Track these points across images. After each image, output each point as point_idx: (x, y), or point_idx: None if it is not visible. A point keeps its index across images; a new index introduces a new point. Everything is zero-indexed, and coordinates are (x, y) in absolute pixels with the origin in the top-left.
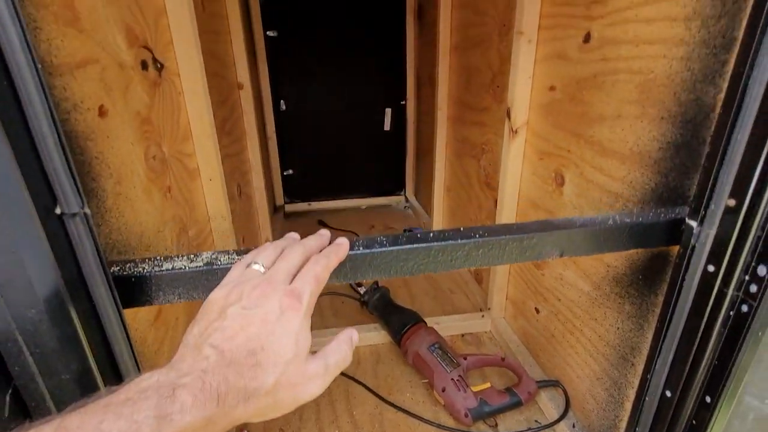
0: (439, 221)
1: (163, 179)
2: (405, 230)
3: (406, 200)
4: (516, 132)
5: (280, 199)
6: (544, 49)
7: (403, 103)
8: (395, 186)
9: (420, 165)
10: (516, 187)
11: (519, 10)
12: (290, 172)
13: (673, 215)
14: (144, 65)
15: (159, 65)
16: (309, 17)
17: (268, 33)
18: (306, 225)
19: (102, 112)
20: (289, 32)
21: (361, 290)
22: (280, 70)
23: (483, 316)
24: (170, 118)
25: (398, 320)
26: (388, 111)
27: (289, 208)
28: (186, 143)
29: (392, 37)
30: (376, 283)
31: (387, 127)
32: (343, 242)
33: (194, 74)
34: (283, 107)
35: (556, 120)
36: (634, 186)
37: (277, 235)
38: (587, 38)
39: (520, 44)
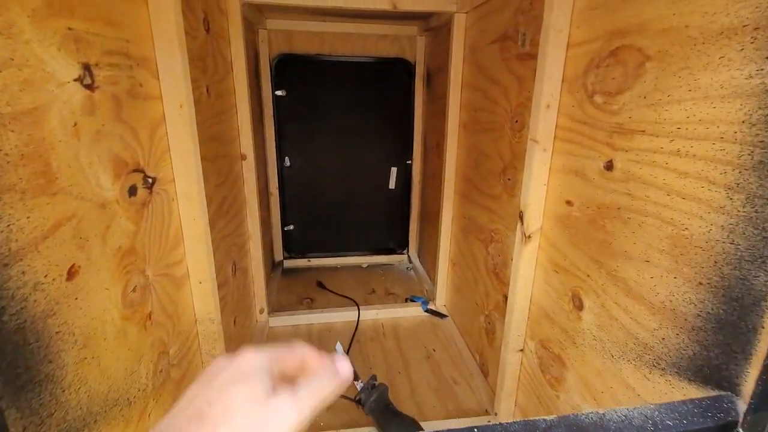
0: (442, 293)
1: (144, 308)
2: (407, 299)
3: (409, 260)
4: (529, 238)
5: (279, 255)
6: (561, 160)
7: (409, 162)
8: (398, 245)
9: (424, 226)
10: (528, 293)
11: (533, 121)
12: (291, 227)
13: (724, 417)
14: (132, 191)
15: (151, 181)
16: (317, 77)
17: (276, 92)
18: (304, 283)
19: (72, 273)
20: (297, 91)
21: (358, 385)
22: (286, 128)
23: (489, 421)
24: (159, 233)
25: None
26: (394, 170)
27: (288, 263)
28: (175, 251)
29: (400, 98)
30: (374, 377)
31: (392, 185)
32: None
33: (190, 178)
34: (287, 164)
35: (574, 237)
36: (667, 345)
37: (274, 294)
38: (609, 166)
39: (534, 152)
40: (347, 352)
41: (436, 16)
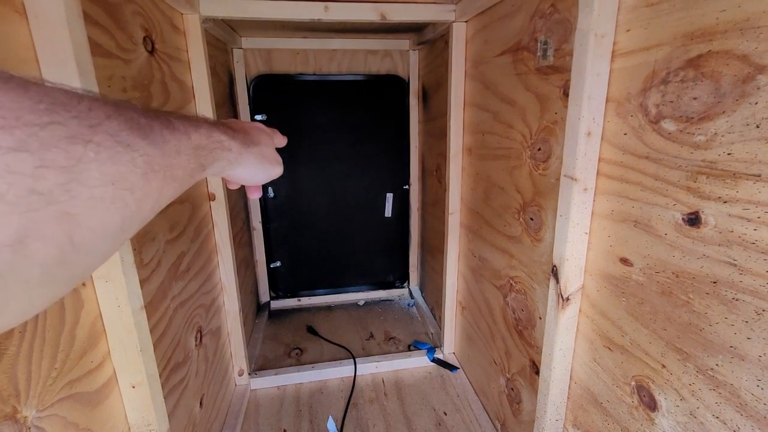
0: (450, 340)
1: None
2: (410, 347)
3: (411, 295)
4: (567, 301)
5: (265, 296)
6: (609, 204)
7: (406, 187)
8: (397, 278)
9: (426, 258)
10: (567, 368)
11: (569, 152)
12: (278, 264)
13: None
14: None
15: None
16: (301, 99)
17: (256, 117)
18: (293, 328)
19: None
20: (279, 115)
21: None
22: None
23: None
24: (52, 341)
25: None
26: (389, 196)
27: (275, 304)
28: (91, 353)
29: (393, 118)
30: None
31: (388, 213)
32: None
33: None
34: (271, 194)
35: (636, 310)
36: None
37: (259, 346)
38: (694, 220)
39: (572, 192)
40: (342, 426)
41: (431, 27)
